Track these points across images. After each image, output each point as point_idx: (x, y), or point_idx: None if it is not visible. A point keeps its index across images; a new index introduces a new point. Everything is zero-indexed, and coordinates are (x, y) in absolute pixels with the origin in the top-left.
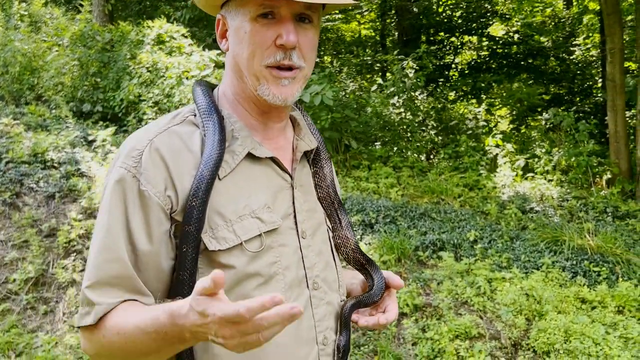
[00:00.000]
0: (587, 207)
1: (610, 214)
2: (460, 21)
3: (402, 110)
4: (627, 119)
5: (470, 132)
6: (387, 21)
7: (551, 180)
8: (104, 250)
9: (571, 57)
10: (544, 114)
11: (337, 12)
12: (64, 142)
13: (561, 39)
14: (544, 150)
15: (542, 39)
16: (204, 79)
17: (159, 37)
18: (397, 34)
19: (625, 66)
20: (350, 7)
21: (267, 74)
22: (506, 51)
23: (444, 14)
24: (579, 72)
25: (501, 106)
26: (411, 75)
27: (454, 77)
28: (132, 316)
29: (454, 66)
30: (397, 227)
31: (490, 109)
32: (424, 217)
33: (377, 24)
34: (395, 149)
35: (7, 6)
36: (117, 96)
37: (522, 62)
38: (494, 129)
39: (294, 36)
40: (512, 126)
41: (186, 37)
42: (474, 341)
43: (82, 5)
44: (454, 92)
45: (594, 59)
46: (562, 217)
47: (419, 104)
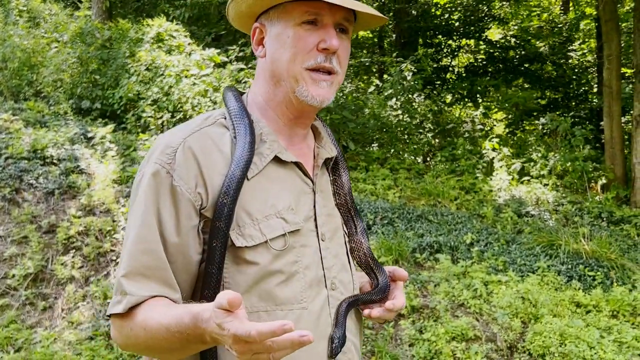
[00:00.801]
0: (582, 212)
1: (605, 219)
2: (457, 24)
3: (399, 112)
4: (623, 125)
5: (467, 135)
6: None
7: (547, 184)
8: (139, 241)
9: (567, 63)
10: (540, 118)
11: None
12: (63, 139)
13: (557, 44)
14: (539, 154)
15: (539, 44)
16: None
17: (159, 36)
18: (394, 36)
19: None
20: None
21: (306, 75)
22: (503, 55)
23: (442, 17)
24: (574, 77)
25: (497, 110)
26: (409, 77)
27: (451, 80)
28: (158, 314)
29: (451, 69)
30: (395, 229)
31: (487, 113)
32: (421, 219)
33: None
34: (392, 150)
35: (6, 1)
36: (117, 94)
37: (519, 67)
38: (490, 132)
39: (336, 41)
40: (507, 130)
41: (185, 36)
42: (470, 343)
43: (80, 1)
44: (451, 95)
45: (590, 64)
46: (558, 221)
47: (416, 107)
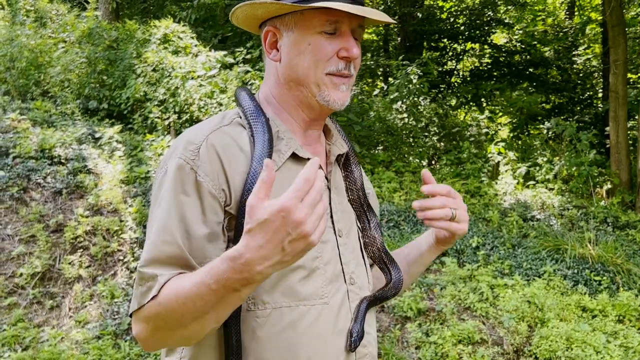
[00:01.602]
0: (588, 217)
1: (610, 224)
2: (463, 28)
3: (405, 115)
4: (628, 130)
5: (472, 139)
6: (390, 26)
7: (552, 189)
8: (162, 232)
9: (572, 67)
10: (545, 123)
11: None
12: (71, 139)
13: (563, 48)
14: (545, 159)
15: (544, 49)
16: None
17: (166, 37)
18: (400, 39)
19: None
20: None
21: (327, 81)
22: (508, 59)
23: (447, 21)
24: (579, 82)
25: (502, 114)
26: (415, 81)
27: (455, 83)
28: (188, 278)
29: (456, 73)
30: (401, 232)
31: (492, 117)
32: None
33: (380, 28)
34: (397, 153)
35: (14, 1)
36: (124, 94)
37: (524, 71)
38: (495, 136)
39: (357, 50)
40: (512, 134)
41: (192, 37)
42: (476, 346)
43: (87, 2)
44: (456, 98)
45: (595, 69)
46: (563, 226)
47: (422, 110)
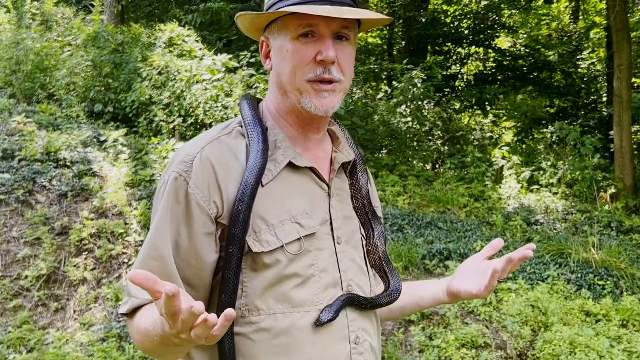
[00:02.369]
0: (592, 221)
1: (614, 229)
2: (467, 32)
3: (409, 119)
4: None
5: (476, 143)
6: (395, 30)
7: (556, 193)
8: (150, 247)
9: (577, 72)
10: (549, 127)
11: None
12: (76, 142)
13: (567, 53)
14: (549, 163)
15: (548, 53)
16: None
17: (171, 41)
18: (404, 43)
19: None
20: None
21: (309, 87)
22: (512, 64)
23: (452, 25)
24: (584, 86)
25: (506, 118)
26: (419, 85)
27: (460, 87)
28: (146, 318)
29: (460, 77)
30: (405, 236)
31: (496, 121)
32: (431, 226)
33: (385, 32)
34: (401, 157)
35: (20, 4)
36: (129, 97)
37: (528, 75)
38: (499, 140)
39: (332, 52)
40: (516, 138)
41: (197, 41)
42: (480, 350)
43: (93, 5)
44: (460, 102)
45: (600, 73)
46: (567, 230)
47: (426, 114)
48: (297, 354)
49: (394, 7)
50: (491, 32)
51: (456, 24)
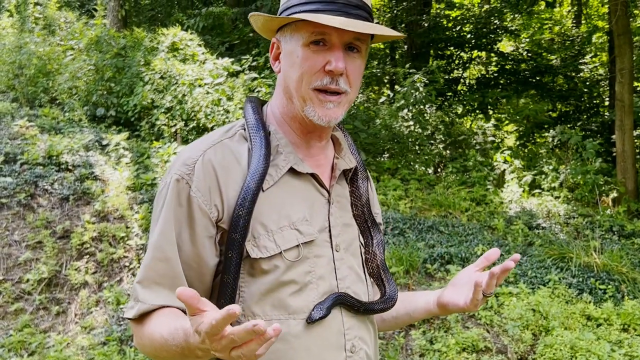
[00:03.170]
0: (594, 225)
1: (616, 233)
2: (469, 36)
3: (411, 123)
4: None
5: (478, 147)
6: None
7: (558, 197)
8: (156, 249)
9: (579, 75)
10: (551, 131)
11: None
12: (78, 145)
13: (569, 57)
14: (551, 167)
15: (551, 57)
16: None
17: (173, 45)
18: (406, 47)
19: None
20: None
21: (313, 96)
22: (515, 67)
23: (454, 29)
24: (586, 90)
25: (508, 122)
26: (422, 89)
27: (462, 91)
28: (161, 326)
29: (462, 81)
30: (406, 239)
31: (498, 125)
32: (432, 230)
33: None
34: (403, 161)
35: (22, 9)
36: (131, 101)
37: (530, 79)
38: (501, 144)
39: (342, 63)
40: (518, 142)
41: (200, 45)
42: (480, 354)
43: (95, 9)
44: (462, 106)
45: (602, 77)
46: (569, 234)
47: (428, 118)
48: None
49: (396, 11)
50: (493, 36)
51: (458, 28)
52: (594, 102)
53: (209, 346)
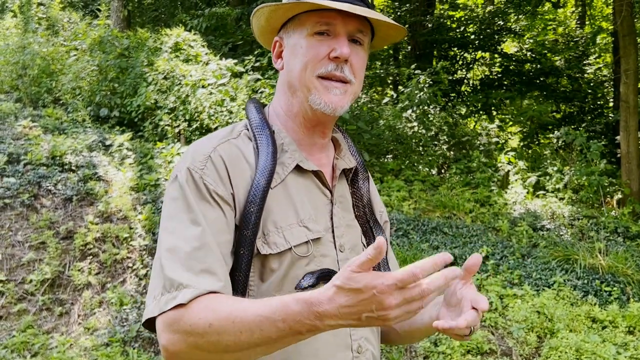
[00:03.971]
0: (598, 227)
1: (621, 235)
2: (473, 37)
3: (415, 124)
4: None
5: (482, 148)
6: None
7: (562, 198)
8: (193, 239)
9: (583, 76)
10: (555, 132)
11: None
12: (81, 146)
13: (573, 58)
14: (555, 168)
15: (555, 58)
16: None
17: (177, 45)
18: (410, 48)
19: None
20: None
21: (318, 84)
22: (519, 68)
23: (458, 30)
24: (590, 91)
25: (512, 123)
26: (426, 89)
27: (465, 92)
28: (248, 306)
29: (466, 82)
30: (410, 241)
31: (502, 126)
32: (436, 231)
33: None
34: (407, 162)
35: (26, 9)
36: (134, 102)
37: (534, 80)
38: (505, 145)
39: (347, 49)
40: (522, 143)
41: (203, 45)
42: (485, 357)
43: (99, 10)
44: (466, 107)
45: (606, 78)
46: (573, 236)
47: (432, 119)
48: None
49: (399, 12)
50: (497, 36)
51: (462, 28)
52: (598, 103)
53: (367, 306)
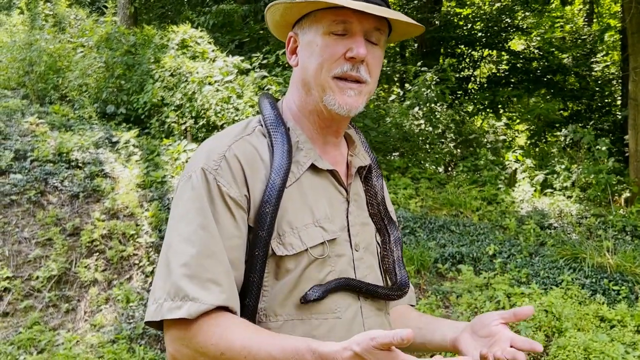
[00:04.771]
0: (606, 225)
1: (629, 233)
2: (480, 35)
3: (421, 121)
4: None
5: (489, 146)
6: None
7: (570, 196)
8: (200, 245)
9: (591, 74)
10: (563, 130)
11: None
12: (88, 143)
13: (581, 55)
14: (563, 166)
15: (562, 55)
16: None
17: (183, 42)
18: (416, 45)
19: None
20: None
21: (333, 84)
22: (526, 66)
23: (465, 27)
24: (598, 89)
25: (519, 121)
26: (433, 87)
27: (472, 90)
28: (262, 342)
29: (473, 79)
30: (417, 239)
31: (509, 124)
32: (443, 229)
33: None
34: (413, 160)
35: (33, 6)
36: (141, 99)
37: (542, 78)
38: (512, 143)
39: (364, 49)
40: (530, 141)
41: (210, 42)
42: None
43: (106, 7)
44: (473, 105)
45: (614, 76)
46: (581, 234)
47: (439, 116)
48: None
49: (407, 9)
50: (504, 34)
51: (469, 26)
52: (606, 101)
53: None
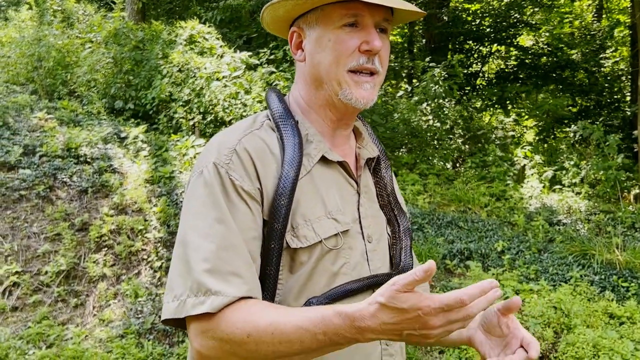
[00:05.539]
0: (615, 222)
1: (638, 230)
2: (488, 30)
3: (429, 117)
4: None
5: (497, 142)
6: (416, 28)
7: (579, 193)
8: (219, 238)
9: (600, 70)
10: (572, 126)
11: None
12: (96, 138)
13: (590, 51)
14: (572, 162)
15: (571, 51)
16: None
17: (191, 38)
18: (424, 41)
19: None
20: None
21: (349, 78)
22: (534, 62)
23: (473, 23)
24: (607, 85)
25: (528, 117)
26: (441, 83)
27: (481, 86)
28: (287, 317)
29: (481, 75)
30: (425, 235)
31: (518, 120)
32: (451, 225)
33: (405, 30)
34: (421, 156)
35: (41, 1)
36: (149, 94)
37: (550, 73)
38: (521, 139)
39: (379, 42)
40: (538, 137)
41: (217, 38)
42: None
43: (114, 2)
44: (481, 101)
45: (623, 72)
46: (590, 230)
47: (447, 112)
48: (328, 355)
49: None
50: (513, 30)
51: (477, 21)
52: (615, 97)
53: (410, 325)
